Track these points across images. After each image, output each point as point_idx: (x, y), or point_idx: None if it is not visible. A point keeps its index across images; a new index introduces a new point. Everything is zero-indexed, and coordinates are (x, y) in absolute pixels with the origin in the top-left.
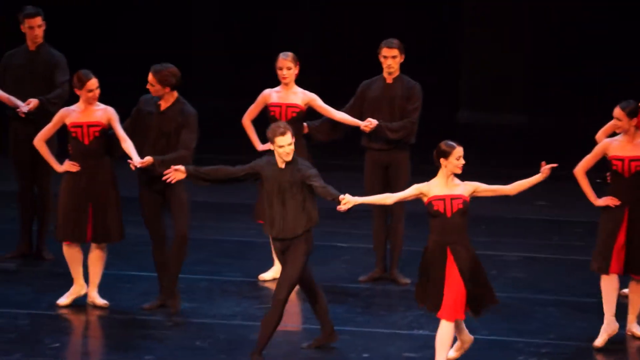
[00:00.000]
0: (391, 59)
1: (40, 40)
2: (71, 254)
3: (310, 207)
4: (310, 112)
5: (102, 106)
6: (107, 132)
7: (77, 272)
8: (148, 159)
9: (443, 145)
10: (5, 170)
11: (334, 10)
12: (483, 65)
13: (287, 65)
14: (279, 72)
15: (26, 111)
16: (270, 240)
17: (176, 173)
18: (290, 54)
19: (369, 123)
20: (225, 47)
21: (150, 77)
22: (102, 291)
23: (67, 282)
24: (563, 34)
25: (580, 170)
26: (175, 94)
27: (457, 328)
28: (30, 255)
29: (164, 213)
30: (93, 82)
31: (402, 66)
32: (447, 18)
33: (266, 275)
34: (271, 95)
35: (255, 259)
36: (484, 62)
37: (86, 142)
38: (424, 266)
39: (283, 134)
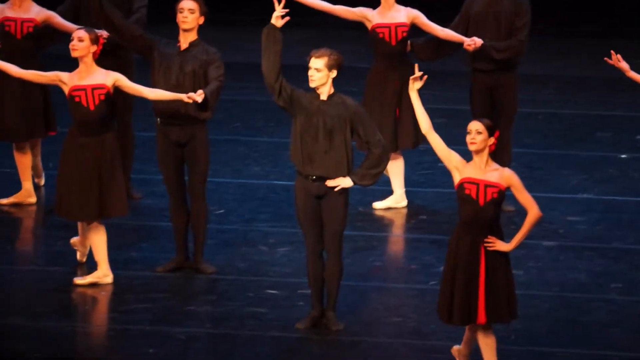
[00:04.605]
0: None
1: None
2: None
3: (351, 151)
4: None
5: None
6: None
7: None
8: (200, 91)
9: None
10: None
11: None
12: None
13: None
14: None
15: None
16: (299, 182)
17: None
18: None
19: (473, 42)
20: None
21: (191, 3)
22: None
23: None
24: None
25: None
26: (196, 33)
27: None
28: None
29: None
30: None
31: None
32: None
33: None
34: (374, 16)
35: None
36: None
37: (92, 107)
38: (451, 266)
39: (319, 57)
